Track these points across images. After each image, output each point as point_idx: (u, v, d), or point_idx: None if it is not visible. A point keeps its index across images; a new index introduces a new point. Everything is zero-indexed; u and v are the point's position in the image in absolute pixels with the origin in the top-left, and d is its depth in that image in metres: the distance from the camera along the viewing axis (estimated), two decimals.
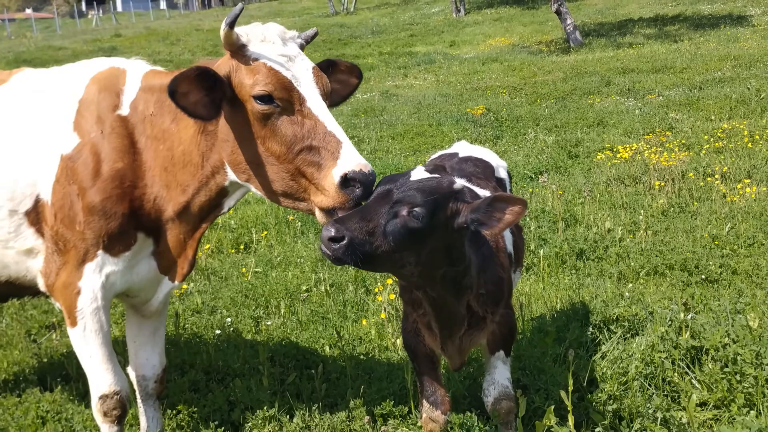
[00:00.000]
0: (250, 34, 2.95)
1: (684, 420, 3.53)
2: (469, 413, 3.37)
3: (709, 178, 8.14)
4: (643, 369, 3.93)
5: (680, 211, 7.62)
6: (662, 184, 8.31)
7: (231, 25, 2.85)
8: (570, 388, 3.22)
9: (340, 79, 3.24)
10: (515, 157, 10.41)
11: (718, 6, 29.08)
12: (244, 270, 6.75)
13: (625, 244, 6.50)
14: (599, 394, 3.80)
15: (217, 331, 5.30)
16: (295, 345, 4.90)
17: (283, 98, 2.86)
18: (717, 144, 9.84)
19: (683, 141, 10.30)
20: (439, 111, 14.61)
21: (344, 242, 2.60)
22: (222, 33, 2.88)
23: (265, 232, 7.78)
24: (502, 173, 4.09)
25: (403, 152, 11.45)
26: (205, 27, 38.21)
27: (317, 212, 2.87)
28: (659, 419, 3.50)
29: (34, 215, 3.24)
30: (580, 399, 3.80)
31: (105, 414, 3.35)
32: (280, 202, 3.02)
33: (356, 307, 5.70)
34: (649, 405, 3.59)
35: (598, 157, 10.05)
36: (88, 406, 4.14)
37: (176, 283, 3.40)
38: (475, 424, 3.25)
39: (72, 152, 3.17)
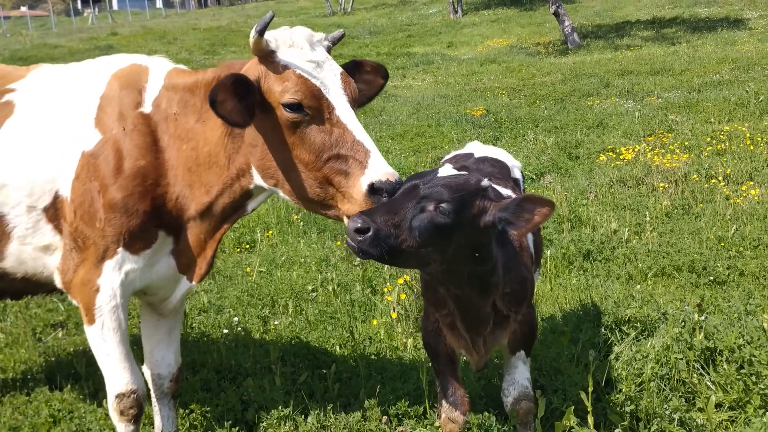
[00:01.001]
0: (279, 39, 2.94)
1: (700, 421, 3.53)
2: (486, 413, 3.36)
3: (712, 180, 8.15)
4: (658, 370, 3.93)
5: (684, 212, 7.63)
6: (666, 185, 8.33)
7: (261, 32, 2.84)
8: (590, 389, 3.21)
9: (365, 79, 3.23)
10: (515, 158, 10.39)
11: (715, 9, 29.22)
12: (248, 269, 6.72)
13: (632, 245, 6.50)
14: (616, 395, 3.79)
15: (225, 331, 5.28)
16: (305, 345, 4.89)
17: (312, 107, 2.85)
18: (718, 146, 9.86)
19: (685, 143, 10.32)
20: (438, 112, 14.59)
21: (370, 234, 2.60)
22: (252, 40, 2.87)
23: (270, 231, 7.75)
24: (517, 173, 4.09)
25: (403, 152, 11.43)
26: (201, 26, 38.14)
27: (345, 220, 2.88)
28: (676, 420, 3.50)
29: (53, 211, 3.22)
30: (597, 400, 3.78)
31: (122, 413, 3.32)
32: (308, 207, 3.04)
33: (363, 307, 5.69)
34: (666, 406, 3.58)
35: (600, 158, 10.06)
36: (100, 405, 4.12)
37: (194, 283, 3.38)
38: (494, 424, 3.24)
39: (93, 149, 3.14)
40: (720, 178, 8.16)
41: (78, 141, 3.18)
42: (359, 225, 2.60)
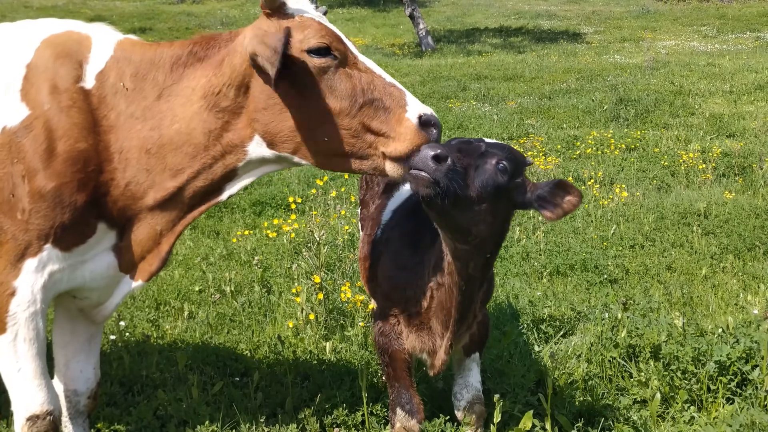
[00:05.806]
0: None
1: (636, 418, 3.60)
2: (437, 420, 3.23)
3: (589, 182, 8.54)
4: (591, 369, 3.98)
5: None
6: None
7: None
8: (549, 392, 3.17)
9: None
10: None
11: (556, 22, 30.98)
12: None
13: (523, 244, 6.64)
14: (555, 394, 3.78)
15: (112, 336, 4.78)
16: (213, 351, 4.51)
17: (339, 50, 2.71)
18: (588, 150, 10.36)
19: (557, 146, 10.76)
20: None
21: (448, 163, 2.45)
22: None
23: None
24: None
25: None
26: (34, 5, 35.02)
27: (387, 164, 2.71)
28: (615, 417, 3.55)
29: None
30: (538, 400, 3.73)
31: None
32: (336, 165, 2.82)
33: (263, 309, 5.38)
34: (603, 404, 3.63)
35: None
36: None
37: (140, 282, 2.96)
38: (448, 431, 3.12)
39: (19, 125, 2.65)
40: (592, 181, 8.58)
41: None
42: (439, 152, 2.45)
